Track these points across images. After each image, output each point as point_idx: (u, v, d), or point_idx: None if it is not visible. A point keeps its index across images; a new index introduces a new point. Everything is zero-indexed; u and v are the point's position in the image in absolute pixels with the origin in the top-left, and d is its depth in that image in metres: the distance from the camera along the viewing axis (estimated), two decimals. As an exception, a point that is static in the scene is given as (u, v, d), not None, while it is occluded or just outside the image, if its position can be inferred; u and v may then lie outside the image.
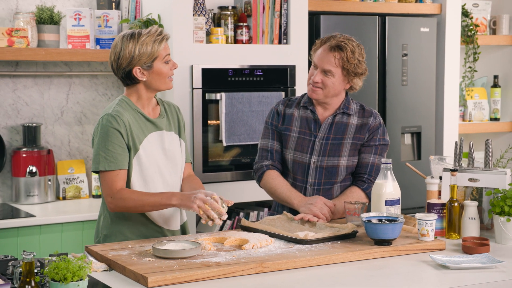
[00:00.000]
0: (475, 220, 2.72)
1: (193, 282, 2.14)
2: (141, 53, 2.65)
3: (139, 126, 2.70)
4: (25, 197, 3.73)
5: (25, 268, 1.88)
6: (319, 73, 2.90)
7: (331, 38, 2.93)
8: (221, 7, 3.98)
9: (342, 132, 2.95)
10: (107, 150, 2.62)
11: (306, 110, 3.00)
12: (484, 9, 5.03)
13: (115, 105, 2.69)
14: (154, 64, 2.68)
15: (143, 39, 2.65)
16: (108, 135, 2.62)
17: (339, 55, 2.87)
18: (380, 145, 2.98)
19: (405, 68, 4.43)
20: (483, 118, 5.06)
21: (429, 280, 2.24)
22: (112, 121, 2.63)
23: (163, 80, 2.71)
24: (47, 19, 3.71)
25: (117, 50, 2.67)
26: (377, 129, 2.97)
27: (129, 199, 2.60)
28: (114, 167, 2.62)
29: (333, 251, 2.41)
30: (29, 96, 3.90)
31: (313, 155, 2.94)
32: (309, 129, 2.97)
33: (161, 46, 2.67)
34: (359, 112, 2.99)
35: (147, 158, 2.70)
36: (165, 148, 2.76)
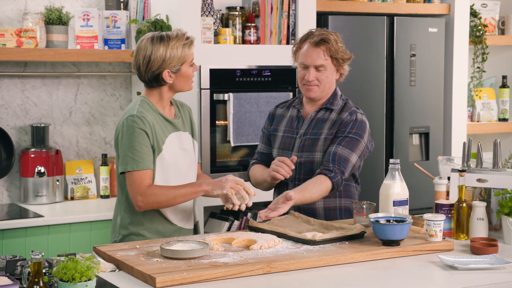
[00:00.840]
0: (484, 221, 2.71)
1: (201, 282, 2.14)
2: (172, 56, 2.69)
3: (160, 127, 2.73)
4: (34, 197, 3.74)
5: (33, 268, 1.88)
6: (312, 71, 2.90)
7: (310, 35, 2.92)
8: (229, 8, 3.98)
9: (319, 128, 2.94)
10: (134, 151, 2.64)
11: (294, 109, 3.04)
12: (492, 9, 5.01)
13: (137, 106, 2.71)
14: (182, 67, 2.73)
15: (173, 43, 2.69)
16: (135, 135, 2.65)
17: (325, 47, 2.89)
18: (349, 137, 2.87)
19: (413, 68, 4.42)
20: (491, 118, 5.04)
21: (437, 281, 2.23)
22: (138, 121, 2.66)
23: (187, 83, 2.77)
24: (55, 20, 3.72)
25: (147, 53, 2.69)
26: (349, 123, 2.91)
27: (160, 194, 2.63)
28: (142, 166, 2.64)
29: (341, 251, 2.41)
30: (37, 97, 3.91)
31: (293, 152, 2.95)
32: (292, 127, 3.00)
33: (190, 50, 2.73)
34: (340, 108, 2.97)
35: (170, 159, 2.74)
36: (184, 148, 2.80)
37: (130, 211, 2.75)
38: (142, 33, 3.72)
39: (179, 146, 2.78)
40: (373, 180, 4.16)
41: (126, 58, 3.77)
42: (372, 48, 4.25)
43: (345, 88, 4.15)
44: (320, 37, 2.88)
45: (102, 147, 4.08)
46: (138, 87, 4.05)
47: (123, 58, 3.77)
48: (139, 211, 2.68)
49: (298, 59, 2.95)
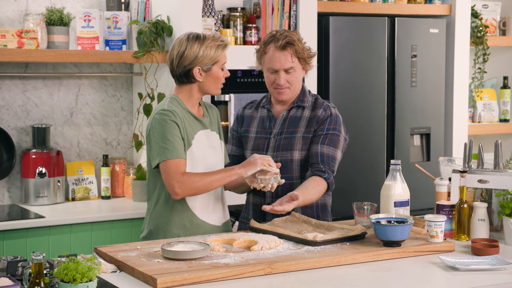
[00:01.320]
0: (485, 222, 2.71)
1: (202, 283, 2.14)
2: (204, 55, 2.74)
3: (189, 123, 2.77)
4: (34, 198, 3.74)
5: (34, 269, 1.88)
6: (282, 74, 2.90)
7: (273, 39, 2.91)
8: (230, 8, 3.98)
9: (294, 126, 2.94)
10: (167, 141, 2.68)
11: (263, 110, 3.04)
12: (493, 10, 5.01)
13: (168, 103, 2.78)
14: (213, 68, 2.78)
15: (209, 42, 2.76)
16: (167, 127, 2.70)
17: (291, 50, 2.89)
18: (329, 134, 2.90)
19: (414, 69, 4.41)
20: (492, 119, 5.04)
21: (439, 282, 2.23)
22: (169, 114, 2.71)
23: (216, 85, 2.81)
24: (56, 21, 3.72)
25: (182, 49, 2.76)
26: (326, 119, 2.92)
27: (197, 179, 2.66)
28: (176, 155, 2.68)
29: (342, 252, 2.41)
30: (38, 98, 3.91)
31: (268, 152, 2.95)
32: (264, 127, 2.99)
33: (223, 53, 2.79)
34: (312, 105, 2.98)
35: (199, 154, 2.77)
36: (212, 145, 2.84)
37: (160, 206, 2.77)
38: (143, 34, 3.72)
39: (208, 144, 2.82)
40: (374, 181, 4.16)
41: (127, 59, 3.77)
42: (373, 49, 4.25)
43: (346, 89, 4.16)
44: (284, 40, 2.88)
45: (103, 148, 4.08)
46: (139, 88, 4.05)
47: (124, 59, 3.77)
48: (176, 198, 2.68)
49: (265, 63, 2.94)
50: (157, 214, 2.79)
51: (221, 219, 2.89)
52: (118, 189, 4.03)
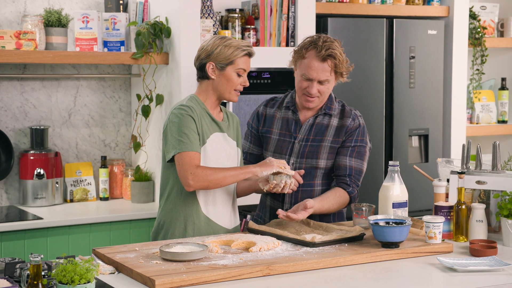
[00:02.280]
0: (483, 223, 2.71)
1: (200, 284, 2.14)
2: (221, 51, 2.74)
3: (206, 123, 2.77)
4: (33, 200, 3.74)
5: (32, 270, 1.88)
6: (315, 85, 2.84)
7: (315, 46, 2.82)
8: (229, 10, 3.98)
9: (321, 134, 2.92)
10: (183, 134, 2.68)
11: (288, 111, 2.98)
12: (492, 11, 5.02)
13: (187, 100, 2.78)
14: (227, 68, 2.75)
15: (230, 41, 2.76)
16: (183, 121, 2.70)
17: (331, 63, 2.82)
18: (357, 146, 2.91)
19: (412, 70, 4.42)
20: (490, 120, 5.04)
21: (437, 283, 2.23)
22: (187, 109, 2.72)
23: (229, 88, 2.78)
24: (55, 22, 3.72)
25: (204, 44, 2.79)
26: (355, 130, 2.92)
27: (210, 173, 2.65)
28: (191, 148, 2.67)
29: (340, 253, 2.41)
30: (36, 99, 3.91)
31: (291, 157, 2.92)
32: (289, 130, 2.95)
33: (240, 55, 2.75)
34: (340, 113, 2.95)
35: (213, 153, 2.76)
36: (227, 149, 2.82)
37: (170, 202, 2.77)
38: (141, 35, 3.72)
39: (222, 146, 2.80)
40: (373, 182, 4.16)
41: (125, 60, 3.77)
42: (371, 50, 4.26)
43: (344, 90, 4.15)
44: (327, 52, 2.80)
45: (102, 149, 4.08)
46: (137, 89, 4.05)
47: (122, 60, 3.77)
48: (189, 190, 2.67)
49: (300, 68, 2.86)
50: (168, 209, 2.79)
51: (231, 223, 2.87)
52: (117, 190, 4.03)
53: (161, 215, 2.82)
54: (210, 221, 2.78)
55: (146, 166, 3.97)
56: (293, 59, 2.92)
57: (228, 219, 2.85)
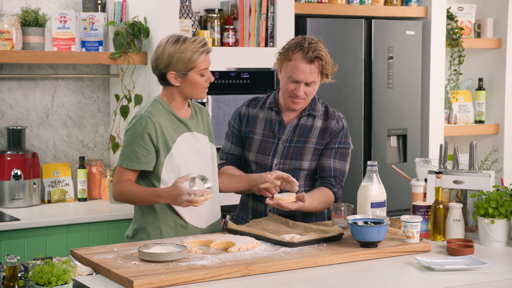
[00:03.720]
0: (460, 222, 2.73)
1: (179, 285, 2.13)
2: (179, 59, 2.68)
3: (171, 126, 2.74)
4: (10, 201, 3.71)
5: (8, 272, 1.87)
6: (302, 87, 2.84)
7: (301, 47, 2.82)
8: (208, 10, 3.98)
9: (305, 135, 2.92)
10: (132, 150, 2.68)
11: (271, 112, 2.97)
12: (468, 12, 5.06)
13: (148, 106, 2.74)
14: (189, 74, 2.70)
15: (185, 46, 2.68)
16: (137, 135, 2.68)
17: (318, 64, 2.83)
18: (341, 148, 2.94)
19: (391, 71, 4.44)
20: (468, 120, 5.09)
21: (414, 282, 2.25)
22: (142, 122, 2.69)
23: (195, 90, 2.75)
24: (32, 22, 3.69)
25: (159, 51, 2.71)
26: (339, 132, 2.94)
27: (127, 188, 2.67)
28: (135, 166, 2.68)
29: (319, 253, 2.42)
30: (13, 99, 3.88)
31: (275, 158, 2.92)
32: (272, 131, 2.94)
33: (200, 58, 2.69)
34: (323, 115, 2.96)
35: (180, 157, 2.74)
36: (197, 148, 2.80)
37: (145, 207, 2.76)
38: (119, 35, 3.70)
39: (191, 146, 2.78)
40: (351, 182, 4.17)
41: (103, 60, 3.75)
42: (350, 50, 4.27)
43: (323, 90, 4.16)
44: (314, 54, 2.80)
45: (80, 150, 4.05)
46: (116, 90, 4.03)
47: (100, 60, 3.75)
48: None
49: (287, 70, 2.85)
50: (142, 213, 2.78)
51: (207, 221, 2.83)
52: (95, 191, 4.00)
53: (136, 220, 2.81)
54: (188, 224, 2.77)
55: (124, 167, 3.95)
56: (278, 61, 2.90)
57: (205, 220, 2.83)
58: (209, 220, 2.84)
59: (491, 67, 5.13)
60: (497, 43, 5.04)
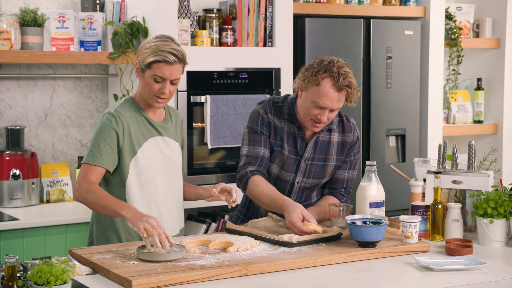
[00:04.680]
0: (459, 222, 2.73)
1: (178, 285, 2.13)
2: (141, 51, 2.64)
3: (140, 129, 2.68)
4: (8, 201, 3.70)
5: (7, 272, 1.86)
6: (327, 113, 2.74)
7: (332, 74, 2.69)
8: (206, 10, 3.98)
9: (325, 152, 2.89)
10: (97, 146, 2.62)
11: (291, 125, 2.86)
12: (467, 12, 5.06)
13: (118, 105, 2.69)
14: (146, 72, 2.64)
15: (156, 43, 2.62)
16: (104, 132, 2.63)
17: (347, 93, 2.73)
18: (355, 158, 2.96)
19: (389, 70, 4.44)
20: (466, 120, 5.09)
21: (413, 282, 2.25)
22: (112, 120, 2.63)
23: (147, 93, 2.65)
24: (30, 21, 3.68)
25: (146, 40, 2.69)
26: (354, 144, 2.94)
27: (90, 193, 2.54)
28: (97, 162, 2.60)
29: (318, 253, 2.42)
30: (12, 99, 3.88)
31: (297, 176, 2.88)
32: (295, 147, 2.87)
33: (153, 59, 2.59)
34: (338, 127, 2.92)
35: (145, 162, 2.68)
36: (166, 153, 2.74)
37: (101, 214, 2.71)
38: (118, 35, 3.70)
39: (159, 151, 2.72)
40: (350, 182, 4.18)
41: (102, 60, 3.75)
42: (348, 50, 4.27)
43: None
44: (344, 82, 2.69)
45: (78, 150, 4.05)
46: (114, 89, 4.03)
47: (99, 60, 3.75)
48: (76, 200, 2.62)
49: (312, 94, 2.72)
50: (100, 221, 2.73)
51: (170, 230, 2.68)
52: (94, 191, 4.00)
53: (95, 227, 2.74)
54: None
55: (123, 167, 3.95)
56: (304, 83, 2.75)
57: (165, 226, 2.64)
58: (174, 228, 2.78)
59: (489, 67, 5.13)
60: (495, 43, 5.04)
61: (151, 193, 2.70)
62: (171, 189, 2.78)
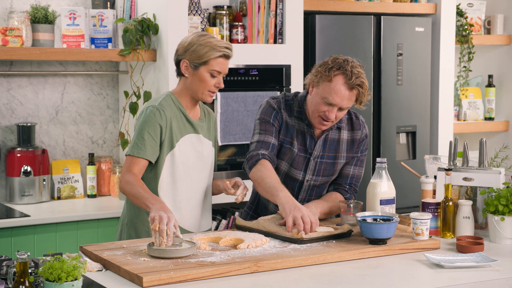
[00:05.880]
0: (470, 219, 2.72)
1: (188, 282, 2.14)
2: (196, 50, 2.68)
3: (178, 124, 2.74)
4: (20, 197, 3.72)
5: (19, 268, 1.87)
6: (335, 110, 2.74)
7: (345, 72, 2.69)
8: (216, 7, 3.98)
9: (334, 150, 2.89)
10: (141, 138, 2.67)
11: (301, 122, 2.87)
12: (478, 8, 5.04)
13: (161, 99, 2.74)
14: (200, 68, 2.69)
15: (208, 40, 2.68)
16: (148, 124, 2.68)
17: (358, 92, 2.73)
18: (362, 155, 2.96)
19: (400, 67, 4.43)
20: (477, 117, 5.07)
21: (424, 279, 2.24)
22: (156, 113, 2.69)
23: (201, 89, 2.72)
24: (41, 18, 3.70)
25: (184, 39, 2.74)
26: (362, 141, 2.94)
27: (130, 184, 2.60)
28: (141, 154, 2.66)
29: (328, 250, 2.41)
30: (23, 96, 3.89)
31: (307, 174, 2.88)
32: (304, 145, 2.87)
33: (214, 55, 2.67)
34: (348, 124, 2.92)
35: (180, 157, 2.74)
36: (199, 151, 2.79)
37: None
38: (129, 32, 3.71)
39: (194, 148, 2.78)
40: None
41: (113, 57, 3.76)
42: (359, 47, 4.26)
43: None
44: (357, 81, 2.69)
45: (89, 147, 4.06)
46: (125, 86, 4.03)
47: (110, 57, 3.76)
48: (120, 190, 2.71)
49: (323, 90, 2.72)
50: (131, 207, 2.79)
51: (198, 227, 2.84)
52: (104, 187, 4.01)
53: (127, 215, 2.80)
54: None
55: (133, 163, 3.96)
56: (315, 78, 2.75)
57: (193, 222, 2.82)
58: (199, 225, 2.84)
59: (501, 63, 5.11)
60: (507, 40, 5.01)
61: (182, 188, 2.76)
62: (202, 186, 2.83)
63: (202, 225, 2.87)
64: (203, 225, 2.89)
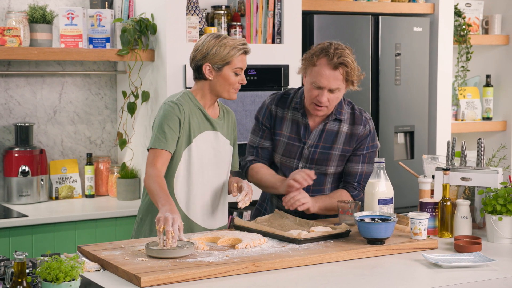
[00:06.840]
0: (467, 219, 2.72)
1: (186, 281, 2.14)
2: (217, 52, 2.71)
3: (197, 120, 2.76)
4: (18, 197, 3.72)
5: (16, 268, 1.87)
6: (326, 93, 2.78)
7: (326, 53, 2.77)
8: (215, 7, 3.98)
9: (331, 141, 2.90)
10: (161, 131, 2.70)
11: (296, 113, 2.93)
12: (476, 8, 5.04)
13: (179, 96, 2.77)
14: (224, 69, 2.73)
15: (225, 41, 2.72)
16: (167, 118, 2.70)
17: (343, 71, 2.77)
18: (369, 152, 2.94)
19: (398, 67, 4.43)
20: (475, 117, 5.07)
21: (422, 279, 2.24)
22: (175, 107, 2.72)
23: (227, 88, 2.76)
24: (39, 18, 3.69)
25: (198, 44, 2.76)
26: (365, 137, 2.93)
27: (151, 180, 2.61)
28: (163, 146, 2.68)
29: (326, 250, 2.41)
30: (21, 96, 3.89)
31: (300, 161, 2.91)
32: (298, 134, 2.91)
33: (237, 54, 2.72)
34: (350, 118, 2.93)
35: (197, 153, 2.75)
36: (216, 148, 2.81)
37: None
38: (127, 32, 3.70)
39: (211, 145, 2.79)
40: (358, 179, 4.17)
41: (111, 57, 3.76)
42: (357, 47, 4.25)
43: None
44: (339, 59, 2.74)
45: (87, 147, 4.06)
46: (123, 86, 4.03)
47: (108, 57, 3.75)
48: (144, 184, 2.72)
49: (310, 76, 2.80)
50: (147, 204, 2.81)
51: (212, 223, 2.86)
52: (102, 187, 4.01)
53: (141, 209, 2.84)
54: (189, 220, 2.78)
55: (132, 163, 3.96)
56: (303, 66, 2.85)
57: (207, 219, 2.83)
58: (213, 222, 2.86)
59: (499, 63, 5.11)
60: (505, 40, 5.02)
61: (198, 183, 2.77)
62: (217, 183, 2.84)
63: (217, 222, 2.88)
64: (218, 222, 2.89)
